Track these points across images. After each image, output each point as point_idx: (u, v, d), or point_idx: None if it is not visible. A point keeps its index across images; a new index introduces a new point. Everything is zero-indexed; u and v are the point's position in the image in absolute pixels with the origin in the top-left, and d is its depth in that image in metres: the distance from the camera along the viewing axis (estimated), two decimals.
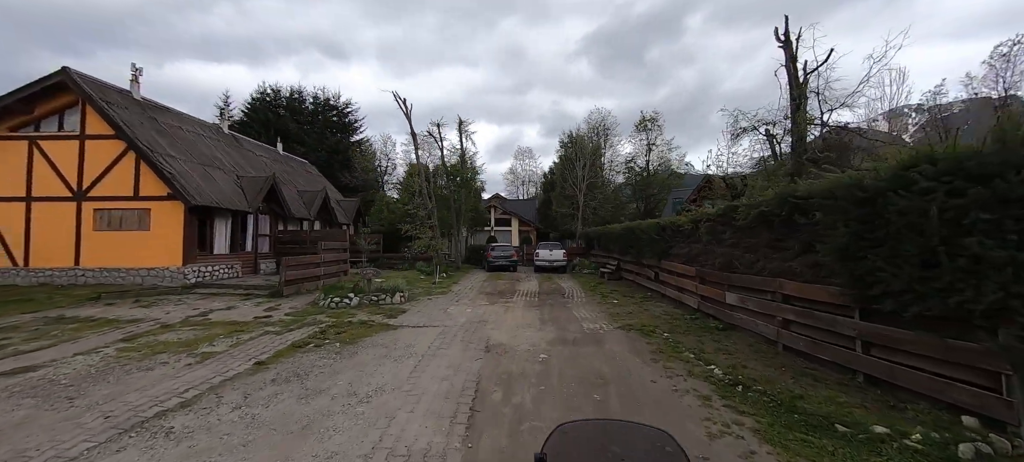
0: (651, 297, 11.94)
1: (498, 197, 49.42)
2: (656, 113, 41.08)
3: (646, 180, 40.62)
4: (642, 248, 13.02)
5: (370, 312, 8.86)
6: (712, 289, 8.36)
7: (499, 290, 13.81)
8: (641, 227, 12.87)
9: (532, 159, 59.05)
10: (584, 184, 30.28)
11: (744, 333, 7.23)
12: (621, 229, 15.99)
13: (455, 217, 21.74)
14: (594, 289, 14.14)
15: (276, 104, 35.03)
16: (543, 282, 16.74)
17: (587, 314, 9.46)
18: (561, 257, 21.43)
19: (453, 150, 22.47)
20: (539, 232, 40.40)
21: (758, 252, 6.77)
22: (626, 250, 15.43)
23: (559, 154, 36.83)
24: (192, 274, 11.42)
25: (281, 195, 15.01)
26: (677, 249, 10.38)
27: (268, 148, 21.63)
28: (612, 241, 17.77)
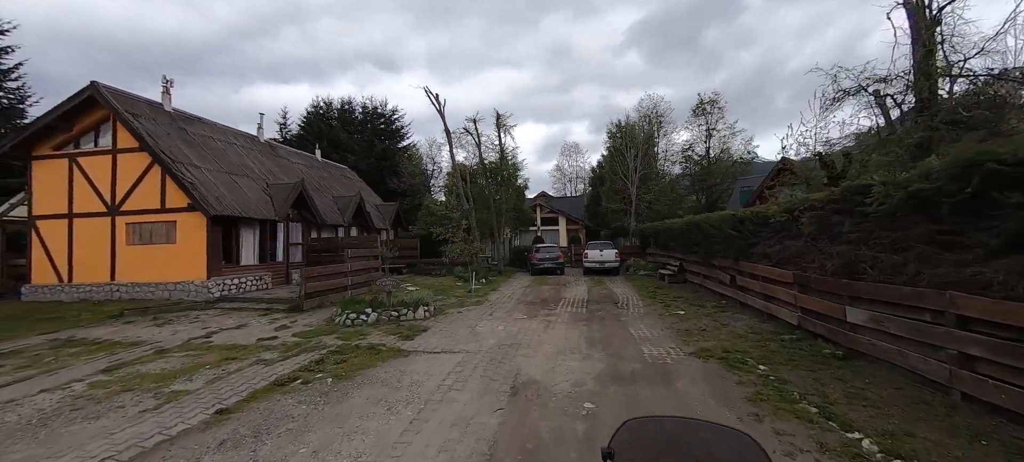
0: (726, 306, 9.79)
1: (544, 195, 47.76)
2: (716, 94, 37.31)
3: (707, 169, 37.05)
4: (712, 246, 10.85)
5: (386, 332, 7.69)
6: (821, 301, 6.24)
7: (541, 298, 12.25)
8: (710, 221, 10.71)
9: (579, 155, 56.84)
10: (636, 175, 27.82)
11: (880, 366, 5.12)
12: (683, 224, 13.78)
13: (495, 218, 20.46)
14: (653, 295, 12.13)
15: (328, 116, 36.46)
16: (593, 287, 14.92)
17: (648, 331, 7.64)
18: (613, 257, 19.40)
19: (493, 147, 21.22)
20: (588, 230, 38.17)
21: (908, 251, 4.65)
22: (690, 248, 13.22)
23: (607, 146, 34.40)
24: (216, 287, 11.07)
25: (311, 201, 14.55)
26: (763, 247, 8.22)
27: (305, 155, 21.71)
28: (672, 238, 15.52)
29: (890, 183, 4.53)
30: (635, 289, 13.80)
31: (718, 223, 10.13)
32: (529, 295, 13.07)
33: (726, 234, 9.62)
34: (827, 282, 6.04)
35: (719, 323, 8.16)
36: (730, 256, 9.72)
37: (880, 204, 4.72)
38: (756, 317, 8.47)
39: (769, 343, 6.54)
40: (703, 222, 11.51)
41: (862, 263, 5.37)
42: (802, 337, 6.64)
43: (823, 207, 6.09)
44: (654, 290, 13.26)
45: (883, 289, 4.99)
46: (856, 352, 5.60)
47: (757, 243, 8.49)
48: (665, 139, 38.05)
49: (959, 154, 3.73)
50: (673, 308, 9.97)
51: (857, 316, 5.51)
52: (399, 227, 23.39)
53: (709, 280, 11.91)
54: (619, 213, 29.91)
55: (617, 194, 29.74)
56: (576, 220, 38.01)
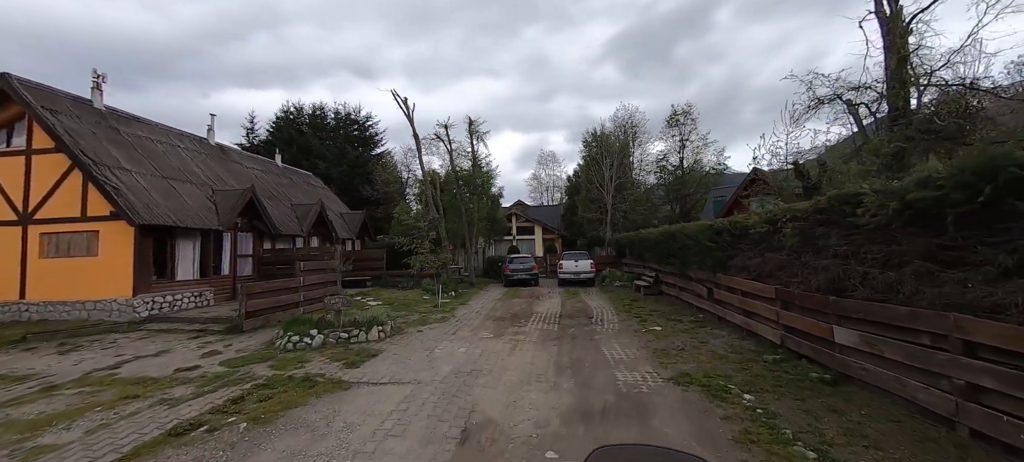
0: (704, 321, 9.34)
1: (520, 204, 47.27)
2: (689, 105, 37.96)
3: (681, 179, 37.49)
4: (688, 257, 10.44)
5: (330, 357, 6.79)
6: (806, 319, 5.78)
7: (512, 313, 11.53)
8: (687, 231, 10.31)
9: (556, 164, 56.92)
10: (612, 185, 27.65)
11: (873, 394, 4.65)
12: (659, 234, 13.40)
13: (467, 227, 19.67)
14: (629, 309, 11.61)
15: (298, 122, 35.23)
16: (567, 299, 14.32)
17: (622, 352, 7.03)
18: (588, 268, 18.92)
19: (465, 154, 20.50)
20: (564, 240, 37.82)
21: (903, 267, 4.20)
22: (665, 259, 12.83)
23: (583, 155, 34.29)
24: (144, 306, 9.82)
25: (263, 209, 13.40)
26: (741, 259, 7.79)
27: (263, 160, 20.37)
28: (648, 249, 15.15)
29: (883, 192, 4.07)
30: (610, 302, 13.28)
31: (695, 234, 9.72)
32: (499, 309, 12.32)
33: (703, 245, 9.20)
34: (812, 299, 5.58)
35: (697, 341, 7.64)
36: (707, 268, 9.30)
37: (872, 215, 4.26)
38: (735, 333, 8.01)
39: (752, 365, 6.03)
40: (679, 232, 11.11)
41: (851, 279, 4.91)
42: (785, 357, 6.17)
43: (807, 218, 5.65)
44: (629, 303, 12.76)
45: (876, 309, 4.53)
46: (846, 376, 5.13)
47: (735, 255, 8.07)
48: (640, 149, 38.35)
49: (969, 159, 3.28)
50: (649, 323, 9.44)
51: (846, 337, 5.05)
52: (366, 237, 22.25)
53: (685, 293, 11.50)
54: (595, 222, 29.65)
55: (593, 203, 29.50)
56: (552, 229, 37.63)
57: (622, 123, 35.16)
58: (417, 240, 13.06)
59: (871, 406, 4.40)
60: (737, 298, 7.99)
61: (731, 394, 4.92)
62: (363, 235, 22.18)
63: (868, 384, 4.78)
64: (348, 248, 20.42)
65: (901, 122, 8.38)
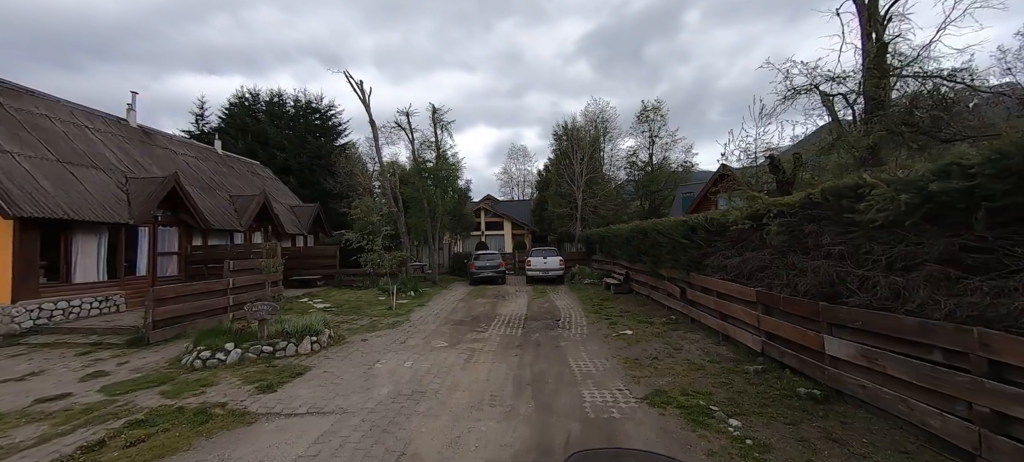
0: (677, 323, 8.77)
1: (490, 199, 46.29)
2: (659, 102, 38.13)
3: (650, 175, 37.64)
4: (660, 255, 9.85)
5: (244, 378, 5.65)
6: (792, 326, 5.20)
7: (474, 315, 10.61)
8: (659, 228, 9.71)
9: (527, 159, 56.16)
10: (582, 179, 27.16)
11: (872, 414, 4.07)
12: (629, 230, 12.83)
13: (430, 222, 18.54)
14: (598, 309, 10.95)
15: (254, 108, 32.74)
16: (534, 299, 13.55)
17: (591, 362, 6.27)
18: (557, 265, 18.25)
19: (429, 144, 19.30)
20: (534, 235, 37.20)
21: (915, 272, 3.60)
22: (636, 257, 12.27)
23: (553, 148, 33.65)
24: (27, 315, 8.20)
25: (190, 200, 11.78)
26: (718, 258, 7.20)
27: (199, 146, 18.39)
28: (618, 246, 14.59)
29: (898, 183, 3.43)
30: (579, 301, 12.60)
31: (668, 230, 9.11)
32: (460, 311, 11.38)
33: (677, 243, 8.60)
34: (799, 304, 4.98)
35: (671, 347, 7.01)
36: (681, 267, 8.71)
37: (880, 210, 3.63)
38: (711, 337, 7.44)
39: (733, 377, 5.40)
40: (651, 229, 10.52)
41: (847, 283, 4.31)
42: (768, 367, 5.58)
43: (795, 213, 5.04)
44: (599, 303, 12.13)
45: (877, 318, 3.93)
46: (838, 393, 4.55)
47: (711, 254, 7.48)
48: (611, 144, 38.19)
49: (1014, 141, 2.63)
50: (619, 326, 8.78)
51: (840, 348, 4.46)
52: (321, 232, 20.66)
53: (657, 292, 10.95)
54: (565, 218, 29.13)
55: (563, 198, 28.94)
56: (522, 225, 36.94)
57: (593, 118, 34.78)
58: (369, 236, 11.87)
59: (873, 432, 3.80)
60: (713, 300, 7.41)
61: (714, 418, 4.22)
62: (317, 230, 20.57)
63: (866, 403, 4.20)
64: (300, 244, 18.83)
65: (879, 114, 8.05)
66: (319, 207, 19.59)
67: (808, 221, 4.88)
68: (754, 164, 15.40)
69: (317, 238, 20.62)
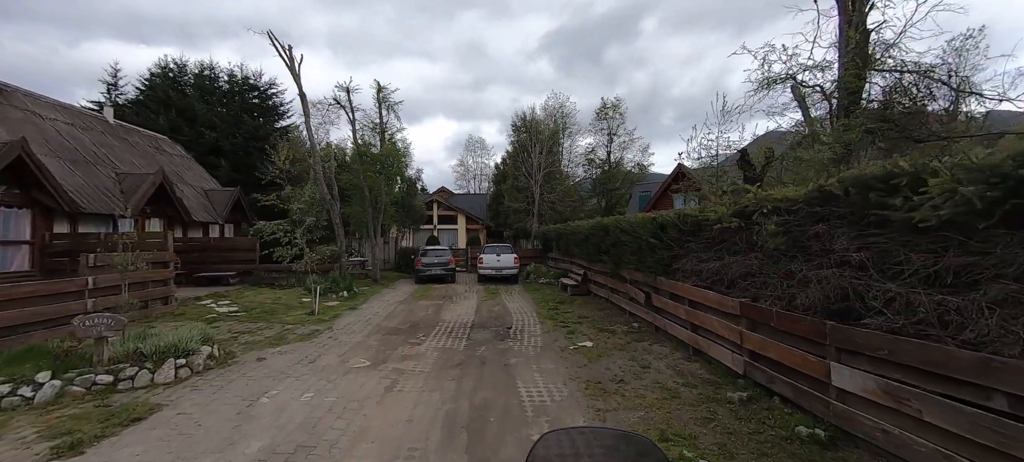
0: (640, 332, 7.86)
1: (444, 191, 44.41)
2: (618, 99, 38.04)
3: (608, 173, 37.56)
4: (623, 255, 8.93)
5: (44, 430, 3.93)
6: (786, 347, 4.30)
7: (412, 322, 9.18)
8: (622, 225, 8.78)
9: (485, 152, 54.56)
10: (540, 173, 26.23)
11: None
12: (589, 227, 11.90)
13: (371, 213, 16.72)
14: (554, 314, 9.89)
15: (180, 81, 28.72)
16: (485, 301, 12.30)
17: (545, 388, 5.12)
18: (511, 263, 17.11)
19: (374, 127, 17.40)
20: (490, 231, 35.97)
21: (973, 290, 2.70)
22: (596, 256, 11.35)
23: (512, 140, 32.51)
24: None
25: (48, 177, 9.33)
26: (692, 262, 6.30)
27: (79, 110, 15.22)
28: (576, 243, 13.65)
29: (973, 169, 2.48)
30: (534, 304, 11.50)
31: (633, 228, 8.17)
32: (398, 316, 9.89)
33: (643, 242, 7.66)
34: (799, 322, 4.08)
35: (638, 364, 6.02)
36: (647, 270, 7.79)
37: (936, 207, 2.69)
38: (680, 351, 6.55)
39: (715, 409, 4.44)
40: (613, 226, 9.58)
41: (867, 299, 3.41)
42: (754, 394, 4.68)
43: (797, 210, 4.12)
44: (555, 306, 11.09)
45: (912, 347, 3.03)
46: (847, 435, 3.67)
47: (684, 256, 6.57)
48: (570, 140, 37.69)
49: None
50: (578, 336, 7.74)
51: (852, 380, 3.57)
52: (243, 222, 18.12)
53: (617, 295, 10.07)
54: (521, 213, 28.12)
55: (520, 192, 27.91)
56: (477, 219, 35.56)
57: (553, 111, 33.99)
58: (290, 227, 10.04)
59: None
60: (684, 309, 6.51)
61: None
62: (239, 219, 18.02)
63: (888, 453, 3.32)
64: (214, 235, 16.29)
65: (859, 109, 7.52)
66: (239, 192, 17.06)
67: (815, 220, 3.98)
68: (714, 163, 15.09)
69: (238, 228, 18.08)
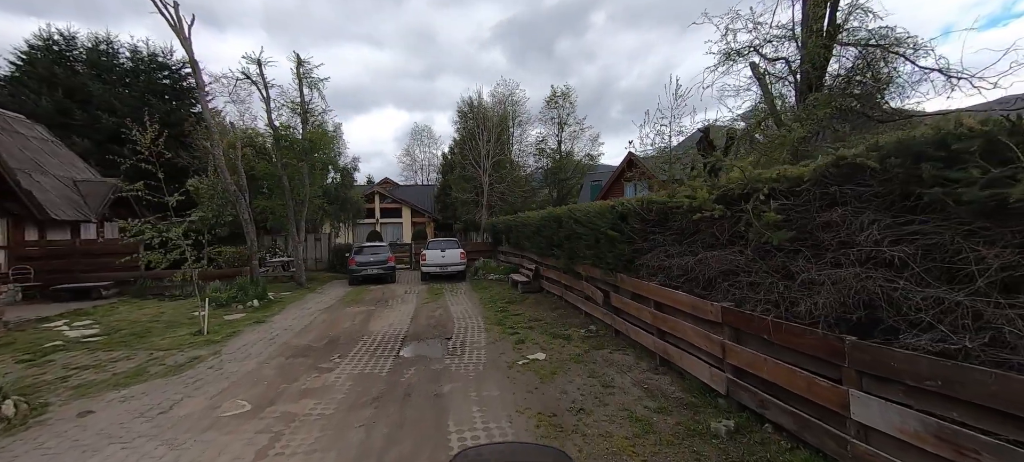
0: (599, 336, 6.92)
1: (388, 183, 41.86)
2: (568, 87, 37.59)
3: (559, 163, 37.07)
4: (578, 249, 7.96)
5: None
6: (785, 366, 3.42)
7: (330, 337, 7.63)
8: (578, 215, 7.78)
9: (433, 142, 52.20)
10: (489, 162, 24.97)
11: None
12: (540, 219, 10.86)
13: (293, 206, 14.61)
14: (503, 316, 8.76)
15: (69, 57, 23.95)
16: (426, 303, 10.92)
17: (486, 429, 3.93)
18: (457, 259, 15.76)
19: (291, 106, 15.17)
20: (437, 224, 34.23)
21: None
22: (548, 250, 10.35)
23: (459, 128, 30.86)
24: None
25: None
26: (658, 257, 5.37)
27: None
28: (527, 236, 12.59)
29: None
30: (480, 306, 10.30)
31: (589, 218, 7.18)
32: (314, 330, 8.27)
33: (601, 234, 6.68)
34: (805, 335, 3.19)
35: (599, 382, 5.02)
36: (605, 266, 6.83)
37: None
38: (646, 360, 5.65)
39: (700, 448, 3.49)
40: (566, 216, 8.57)
41: (904, 309, 2.54)
42: (743, 422, 3.80)
43: (803, 191, 3.21)
44: (505, 306, 9.97)
45: (986, 380, 2.16)
46: None
47: (649, 250, 5.63)
48: (520, 130, 36.74)
49: None
50: (529, 345, 6.66)
51: (883, 417, 2.69)
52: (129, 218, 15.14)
53: (572, 293, 9.13)
54: (470, 204, 26.75)
55: (468, 182, 26.49)
56: (423, 212, 33.67)
57: (502, 99, 32.74)
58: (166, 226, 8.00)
59: None
60: (648, 312, 5.60)
61: None
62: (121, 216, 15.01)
63: None
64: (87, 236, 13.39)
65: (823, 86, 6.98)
66: (120, 184, 14.17)
67: (827, 204, 3.07)
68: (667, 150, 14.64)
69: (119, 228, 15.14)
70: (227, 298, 10.23)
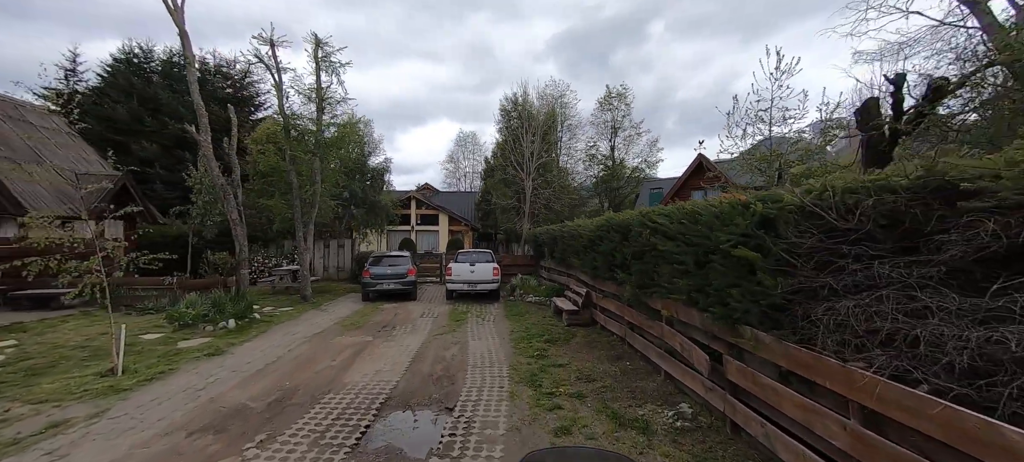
0: (701, 429, 3.96)
1: (428, 188, 40.51)
2: (624, 87, 34.39)
3: (612, 171, 33.81)
4: (656, 275, 5.11)
5: None
6: None
7: (282, 393, 5.29)
8: (662, 221, 4.92)
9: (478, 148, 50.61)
10: (534, 163, 22.39)
11: None
12: (596, 227, 8.05)
13: (298, 207, 12.81)
14: (538, 370, 5.99)
15: (146, 69, 25.98)
16: (440, 335, 8.42)
17: None
18: (489, 276, 13.22)
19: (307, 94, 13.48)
20: (477, 233, 32.08)
21: None
22: (606, 272, 7.53)
23: (501, 127, 28.60)
24: None
25: None
26: (870, 306, 2.41)
27: None
28: (577, 251, 9.78)
29: None
30: (510, 343, 7.62)
31: (688, 227, 4.30)
32: (273, 373, 5.98)
33: (714, 253, 3.79)
34: None
35: None
36: (718, 309, 3.89)
37: None
38: None
39: None
40: (639, 224, 5.73)
41: None
42: None
43: None
44: (542, 348, 7.23)
45: None
46: None
47: (834, 290, 2.69)
48: (569, 134, 34.02)
49: None
50: (577, 435, 3.89)
51: None
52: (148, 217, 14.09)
53: (642, 335, 6.24)
54: (511, 212, 24.25)
55: (509, 187, 24.02)
56: (461, 220, 31.61)
57: (550, 101, 30.17)
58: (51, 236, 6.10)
59: None
60: (838, 424, 2.64)
61: None
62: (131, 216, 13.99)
63: None
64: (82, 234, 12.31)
65: None
66: (128, 177, 13.07)
67: None
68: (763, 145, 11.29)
69: (131, 226, 14.12)
70: (195, 317, 8.32)
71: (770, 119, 10.75)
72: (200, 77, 27.13)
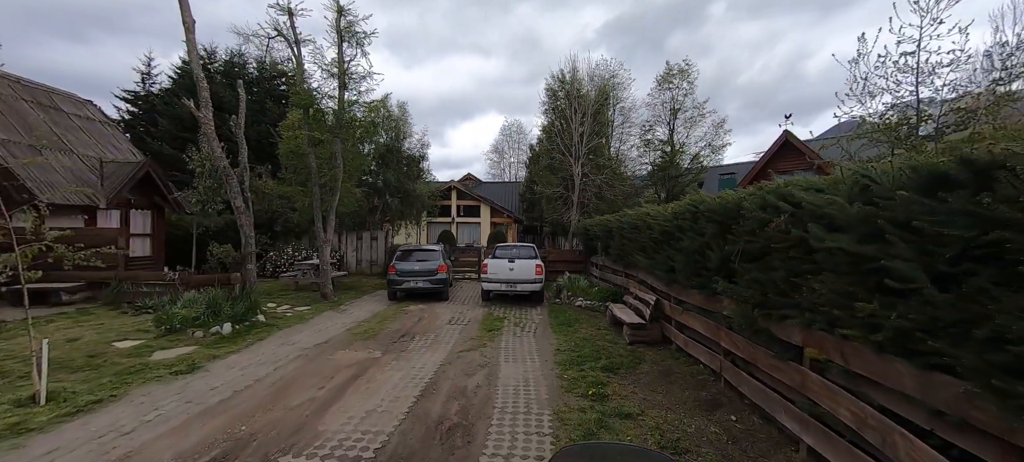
0: None
1: (470, 179, 39.28)
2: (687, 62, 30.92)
3: (670, 157, 30.49)
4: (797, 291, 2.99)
5: None
6: None
7: (233, 443, 3.76)
8: (820, 201, 2.83)
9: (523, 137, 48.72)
10: (583, 147, 20.19)
11: None
12: (669, 216, 5.94)
13: (317, 194, 11.62)
14: (595, 414, 4.04)
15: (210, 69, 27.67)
16: (465, 351, 6.69)
17: None
18: (532, 275, 11.35)
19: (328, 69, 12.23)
20: (522, 226, 30.31)
21: None
22: (690, 277, 5.44)
23: (546, 108, 26.42)
24: None
25: None
26: None
27: None
28: (642, 248, 7.65)
29: None
30: (556, 372, 5.72)
31: (927, 186, 2.21)
32: (239, 404, 4.51)
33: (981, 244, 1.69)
34: None
35: None
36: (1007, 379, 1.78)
37: None
38: None
39: None
40: (759, 204, 3.62)
41: None
42: None
43: None
44: (601, 378, 5.29)
45: None
46: None
47: None
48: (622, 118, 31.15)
49: None
50: None
51: None
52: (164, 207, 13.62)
53: (756, 376, 4.11)
54: (557, 202, 22.15)
55: (555, 173, 21.91)
56: (502, 211, 29.93)
57: (600, 80, 27.50)
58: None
59: None
60: None
61: None
62: (157, 205, 13.56)
63: None
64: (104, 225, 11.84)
65: None
66: (149, 164, 12.53)
67: None
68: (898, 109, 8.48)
69: (159, 215, 13.68)
70: (186, 320, 7.17)
71: (917, 67, 7.93)
72: (259, 75, 27.89)
